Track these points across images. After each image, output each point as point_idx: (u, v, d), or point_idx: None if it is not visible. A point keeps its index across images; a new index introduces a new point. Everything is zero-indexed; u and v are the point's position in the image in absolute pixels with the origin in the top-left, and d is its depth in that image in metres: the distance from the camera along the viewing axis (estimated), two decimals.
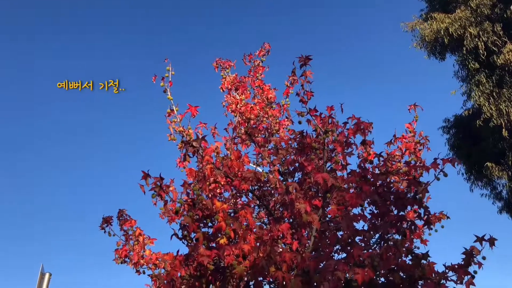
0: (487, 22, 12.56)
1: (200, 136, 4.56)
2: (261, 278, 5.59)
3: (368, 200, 4.83)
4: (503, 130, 11.93)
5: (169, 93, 5.55)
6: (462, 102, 14.38)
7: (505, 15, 12.27)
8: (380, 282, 5.36)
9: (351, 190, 5.15)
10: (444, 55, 14.37)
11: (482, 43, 12.34)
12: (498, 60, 12.08)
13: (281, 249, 4.50)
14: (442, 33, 12.75)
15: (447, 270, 4.97)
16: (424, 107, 6.40)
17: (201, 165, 5.10)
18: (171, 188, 4.41)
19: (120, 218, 5.69)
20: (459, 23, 12.60)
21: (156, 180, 4.16)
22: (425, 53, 14.27)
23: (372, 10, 45.28)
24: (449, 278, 4.93)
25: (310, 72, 5.24)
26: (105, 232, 5.65)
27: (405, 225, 4.71)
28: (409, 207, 4.74)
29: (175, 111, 5.53)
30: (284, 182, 6.24)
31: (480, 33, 12.38)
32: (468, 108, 14.35)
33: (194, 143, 4.46)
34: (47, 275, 4.72)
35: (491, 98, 12.22)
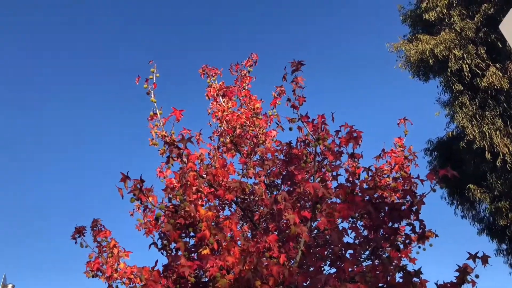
0: (471, 45, 12.78)
1: (185, 138, 4.27)
2: None
3: (360, 212, 4.61)
4: (486, 152, 11.99)
5: (152, 95, 5.28)
6: (446, 124, 14.52)
7: (489, 39, 12.51)
8: None
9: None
10: (428, 77, 14.53)
11: (467, 65, 12.51)
12: (482, 82, 12.24)
13: (267, 262, 4.19)
14: (427, 54, 12.88)
15: None
16: (408, 128, 6.29)
17: (184, 172, 4.80)
18: (151, 193, 4.08)
19: (94, 228, 5.31)
20: (444, 45, 12.78)
21: (136, 182, 3.84)
22: (410, 74, 14.43)
23: (359, 25, 46.29)
24: None
25: (301, 78, 5.06)
26: (76, 242, 5.25)
27: (399, 239, 4.49)
28: (404, 221, 4.53)
29: (159, 115, 5.25)
30: (270, 195, 5.98)
31: (465, 55, 12.57)
32: (451, 130, 14.48)
33: (179, 144, 4.16)
34: (9, 287, 4.28)
35: (474, 120, 12.31)
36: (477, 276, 4.77)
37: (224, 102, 6.46)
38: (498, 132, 11.91)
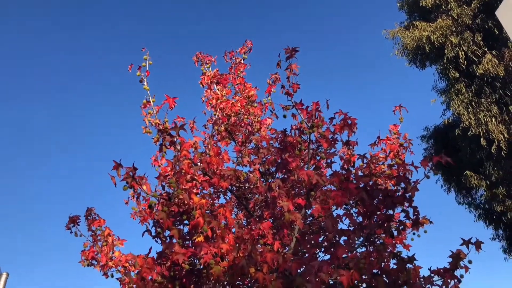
0: (468, 31, 12.71)
1: (179, 126, 4.24)
2: (240, 282, 5.28)
3: (354, 199, 4.61)
4: (482, 139, 12.01)
5: (145, 83, 5.22)
6: (442, 111, 14.51)
7: (486, 26, 12.45)
8: (362, 287, 5.13)
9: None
10: (425, 64, 14.48)
11: (463, 53, 12.46)
12: (478, 70, 12.21)
13: (261, 249, 4.20)
14: (424, 41, 12.81)
15: (432, 275, 4.79)
16: (404, 115, 6.26)
17: (178, 159, 4.78)
18: (144, 182, 4.06)
19: (88, 217, 5.29)
20: (440, 32, 12.70)
21: (129, 170, 3.81)
22: (406, 61, 14.38)
23: (357, 13, 45.95)
24: (434, 283, 4.75)
25: (296, 65, 5.02)
26: (71, 232, 5.23)
27: (393, 225, 4.50)
28: (399, 208, 4.54)
29: (152, 102, 5.20)
30: (265, 183, 5.98)
31: (461, 42, 12.51)
32: (447, 117, 14.49)
33: (172, 132, 4.13)
34: (4, 275, 4.28)
35: (470, 107, 12.32)
36: (470, 262, 4.80)
37: (218, 89, 6.41)
38: (493, 119, 11.93)
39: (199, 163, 5.04)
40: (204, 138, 6.31)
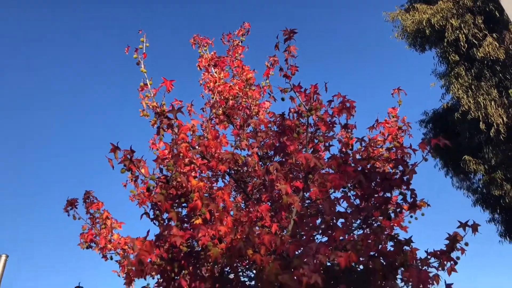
0: (469, 14, 12.57)
1: (176, 109, 4.21)
2: (237, 264, 5.32)
3: (352, 182, 4.62)
4: (481, 123, 12.00)
5: (142, 65, 5.17)
6: (441, 95, 14.46)
7: (487, 8, 12.31)
8: (359, 269, 5.18)
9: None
10: (424, 48, 14.36)
11: (463, 35, 12.35)
12: (478, 53, 12.11)
13: (259, 232, 4.22)
14: (424, 24, 12.68)
15: (429, 256, 4.83)
16: (403, 99, 6.23)
17: (176, 143, 4.77)
18: (142, 165, 4.05)
19: (86, 200, 5.31)
20: (441, 14, 12.56)
21: (126, 153, 3.80)
22: (406, 44, 14.25)
23: None
24: (431, 265, 4.79)
25: (294, 47, 4.96)
26: (69, 215, 5.25)
27: (390, 208, 4.51)
28: (396, 191, 4.54)
29: (149, 85, 5.16)
30: (263, 166, 5.98)
31: (462, 25, 12.39)
32: (446, 102, 14.45)
33: (169, 115, 4.11)
34: (3, 257, 4.30)
35: (469, 91, 12.26)
36: (466, 244, 4.84)
37: (216, 72, 6.36)
38: (493, 103, 11.90)
39: (197, 147, 5.03)
40: (202, 121, 6.29)
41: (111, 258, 5.30)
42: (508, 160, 12.09)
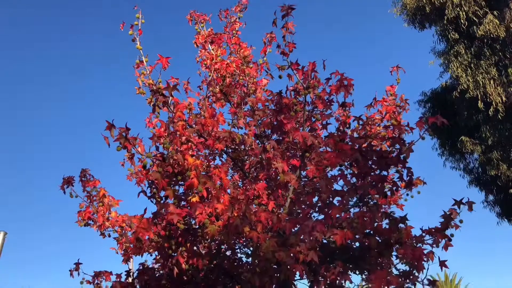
0: None
1: (171, 86, 4.16)
2: (235, 241, 5.37)
3: (349, 160, 4.62)
4: (479, 102, 11.97)
5: (138, 42, 5.08)
6: (439, 73, 14.37)
7: None
8: (355, 247, 5.24)
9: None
10: (424, 25, 14.17)
11: (463, 13, 12.19)
12: (478, 31, 11.98)
13: (256, 209, 4.25)
14: (424, 1, 12.48)
15: (424, 234, 4.89)
16: (402, 79, 6.17)
17: (172, 121, 4.74)
18: (138, 142, 4.03)
19: (83, 178, 5.29)
20: None
21: (122, 130, 3.77)
22: (405, 21, 14.06)
23: None
24: (425, 242, 4.85)
25: (292, 23, 4.88)
26: (65, 193, 5.25)
27: (386, 186, 4.53)
28: (393, 169, 4.56)
29: (145, 62, 5.08)
30: (260, 145, 5.97)
31: (462, 2, 12.21)
32: (445, 80, 14.38)
33: (165, 92, 4.06)
34: (1, 234, 4.32)
35: (469, 69, 12.18)
36: (461, 221, 4.89)
37: (213, 49, 6.27)
38: (492, 82, 11.84)
39: (193, 125, 5.00)
40: (198, 99, 6.25)
41: (109, 236, 5.33)
42: (505, 140, 12.11)
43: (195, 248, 4.56)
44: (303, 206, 4.99)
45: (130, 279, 5.63)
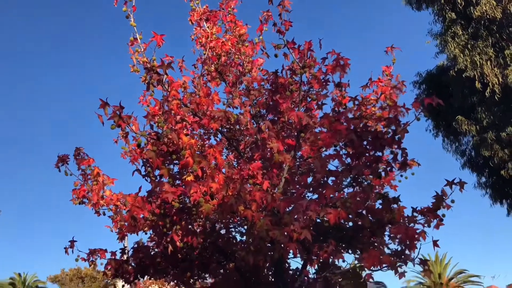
0: None
1: (166, 64, 4.11)
2: (229, 220, 5.41)
3: (344, 140, 4.63)
4: (476, 82, 11.97)
5: (132, 19, 4.98)
6: (435, 53, 14.31)
7: None
8: (348, 226, 5.31)
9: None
10: (421, 5, 14.03)
11: None
12: (475, 12, 11.89)
13: (250, 189, 4.26)
14: None
15: (416, 214, 4.96)
16: (398, 59, 6.11)
17: (166, 99, 4.69)
18: (132, 121, 4.00)
19: (77, 156, 5.26)
20: None
21: (116, 109, 3.74)
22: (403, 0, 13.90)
23: None
24: (418, 222, 4.92)
25: (288, 1, 4.81)
26: (59, 171, 5.22)
27: (380, 167, 4.56)
28: (388, 150, 4.57)
29: (139, 40, 4.99)
30: (256, 125, 5.95)
31: None
32: (441, 61, 14.36)
33: (159, 70, 4.01)
34: None
35: (466, 50, 12.14)
36: (452, 201, 4.96)
37: (208, 27, 6.17)
38: (489, 63, 11.82)
39: (188, 104, 4.97)
40: (193, 78, 6.18)
41: (104, 214, 5.33)
42: (499, 121, 12.17)
43: (189, 226, 4.59)
44: (297, 186, 5.02)
45: (125, 257, 5.68)
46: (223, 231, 5.60)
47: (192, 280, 6.06)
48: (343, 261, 5.00)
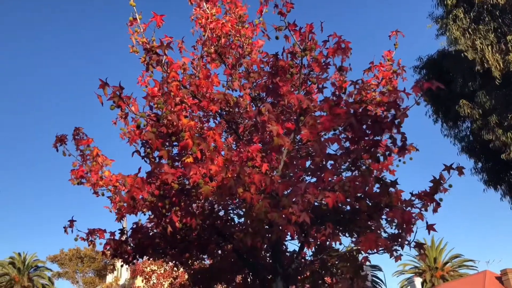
0: None
1: (165, 44, 4.06)
2: (228, 202, 5.45)
3: (343, 124, 4.62)
4: (477, 66, 11.91)
5: None
6: (435, 36, 14.19)
7: None
8: (346, 209, 5.35)
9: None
10: None
11: None
12: None
13: (249, 171, 4.27)
14: None
15: (413, 198, 4.98)
16: (400, 43, 6.07)
17: (166, 81, 4.66)
18: (132, 101, 3.98)
19: (76, 137, 5.24)
20: None
21: (116, 89, 3.71)
22: None
23: None
24: (415, 206, 4.95)
25: None
26: (57, 151, 5.21)
27: (379, 151, 4.56)
28: (387, 135, 4.57)
29: (138, 20, 4.93)
30: (255, 108, 5.93)
31: None
32: (443, 47, 14.26)
33: (158, 50, 3.97)
34: None
35: (467, 34, 12.03)
36: (450, 186, 4.99)
37: (208, 8, 6.09)
38: (490, 47, 11.73)
39: (188, 86, 4.94)
40: (193, 59, 6.14)
41: (103, 194, 5.35)
42: (500, 106, 12.14)
43: (189, 208, 4.61)
44: (296, 170, 5.04)
45: (123, 237, 5.72)
46: (221, 213, 5.63)
47: (190, 261, 6.13)
48: (340, 244, 5.05)
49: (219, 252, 6.10)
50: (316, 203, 4.75)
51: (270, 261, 5.97)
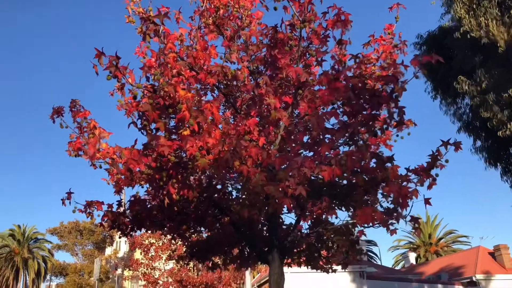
0: None
1: (162, 14, 3.97)
2: (225, 176, 5.46)
3: (342, 99, 4.59)
4: (482, 42, 11.77)
5: None
6: (440, 15, 13.97)
7: None
8: (342, 184, 5.37)
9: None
10: None
11: None
12: None
13: (246, 145, 4.26)
14: None
15: (410, 173, 5.00)
16: (401, 18, 5.95)
17: (163, 52, 4.58)
18: (128, 72, 3.92)
19: (73, 109, 5.19)
20: None
21: (112, 59, 3.65)
22: None
23: None
24: (411, 181, 4.97)
25: None
26: (54, 122, 5.16)
27: (377, 125, 4.55)
28: (385, 110, 4.55)
29: None
30: (253, 81, 5.87)
31: None
32: (446, 22, 14.04)
33: (155, 20, 3.89)
34: None
35: (471, 11, 11.83)
36: (447, 161, 5.00)
37: None
38: (494, 22, 11.55)
39: (185, 57, 4.86)
40: (190, 30, 6.02)
41: (100, 167, 5.34)
42: (499, 83, 12.05)
43: (186, 180, 4.62)
44: (293, 144, 5.03)
45: (121, 209, 5.76)
46: (219, 187, 5.66)
47: (187, 233, 6.19)
48: (336, 217, 5.09)
49: (217, 224, 6.16)
50: (312, 177, 4.76)
51: (267, 234, 6.03)
